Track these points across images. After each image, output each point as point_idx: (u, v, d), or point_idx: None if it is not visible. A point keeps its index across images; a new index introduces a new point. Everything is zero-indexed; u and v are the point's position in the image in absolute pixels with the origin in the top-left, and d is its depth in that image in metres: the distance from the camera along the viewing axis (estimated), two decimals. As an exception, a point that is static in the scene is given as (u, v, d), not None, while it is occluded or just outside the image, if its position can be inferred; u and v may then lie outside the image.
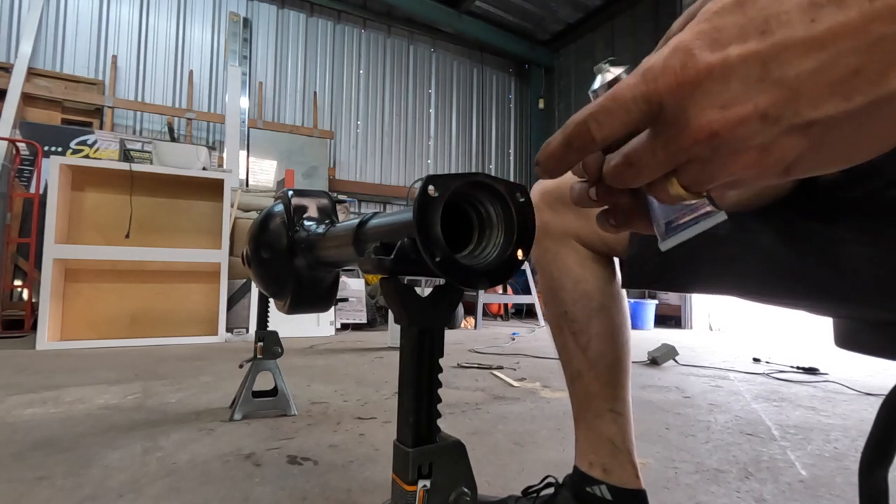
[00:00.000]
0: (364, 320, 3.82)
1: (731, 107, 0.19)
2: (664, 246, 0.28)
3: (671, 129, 0.21)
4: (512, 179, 0.43)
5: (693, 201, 0.24)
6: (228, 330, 3.08)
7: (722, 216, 0.26)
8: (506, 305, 5.33)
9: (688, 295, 4.57)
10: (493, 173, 0.79)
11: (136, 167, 2.82)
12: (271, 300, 1.19)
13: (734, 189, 0.24)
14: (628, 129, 0.23)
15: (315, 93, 5.50)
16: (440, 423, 0.46)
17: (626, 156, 0.24)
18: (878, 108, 0.18)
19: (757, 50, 0.19)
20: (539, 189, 0.73)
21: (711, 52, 0.19)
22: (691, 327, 4.65)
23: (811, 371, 2.26)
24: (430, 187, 0.38)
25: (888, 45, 0.17)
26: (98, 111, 4.42)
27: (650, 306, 4.54)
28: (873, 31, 0.17)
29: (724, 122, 0.19)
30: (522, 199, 0.42)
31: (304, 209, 0.80)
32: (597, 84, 0.31)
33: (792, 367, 2.38)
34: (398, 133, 6.04)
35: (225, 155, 4.75)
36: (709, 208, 0.26)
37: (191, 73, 4.87)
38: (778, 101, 0.19)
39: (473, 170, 6.46)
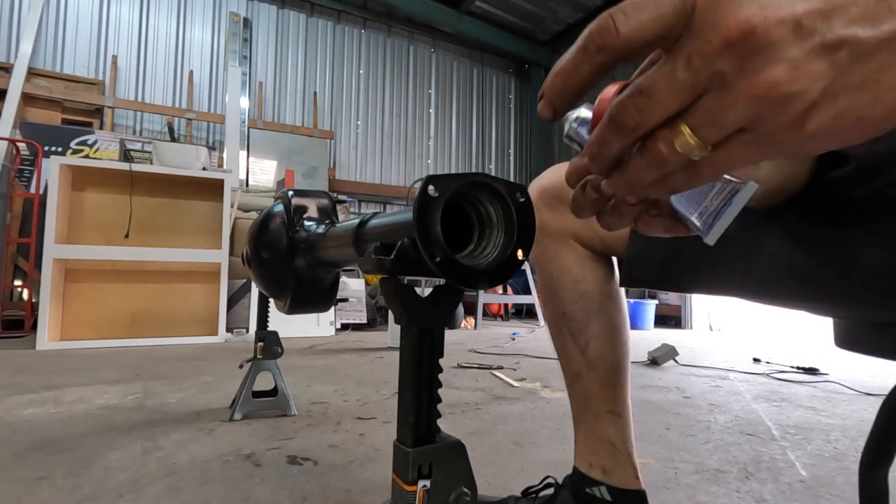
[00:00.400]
0: (364, 320, 3.82)
1: (769, 6, 0.18)
2: (711, 239, 0.26)
3: (700, 35, 0.19)
4: (512, 179, 0.43)
5: (698, 157, 0.21)
6: (228, 330, 3.08)
7: (753, 187, 0.24)
8: (506, 305, 5.33)
9: (688, 295, 4.57)
10: (493, 173, 0.79)
11: (136, 167, 2.82)
12: (271, 300, 1.19)
13: (745, 156, 0.21)
14: (658, 29, 0.21)
15: (315, 93, 5.50)
16: (440, 423, 0.46)
17: (639, 84, 0.21)
18: None
19: None
20: (537, 188, 0.72)
21: None
22: (691, 327, 4.65)
23: (811, 371, 2.26)
24: (430, 187, 0.38)
25: None
26: (98, 111, 4.42)
27: (650, 306, 4.54)
28: None
29: (761, 19, 0.18)
30: (522, 199, 0.42)
31: (304, 209, 0.80)
32: (569, 124, 0.30)
33: (792, 367, 2.37)
34: (398, 133, 6.04)
35: (225, 155, 4.75)
36: (735, 180, 0.25)
37: (191, 73, 4.87)
38: (815, 10, 0.18)
39: (473, 170, 6.46)
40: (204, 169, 3.05)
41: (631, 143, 0.23)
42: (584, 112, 0.30)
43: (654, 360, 2.41)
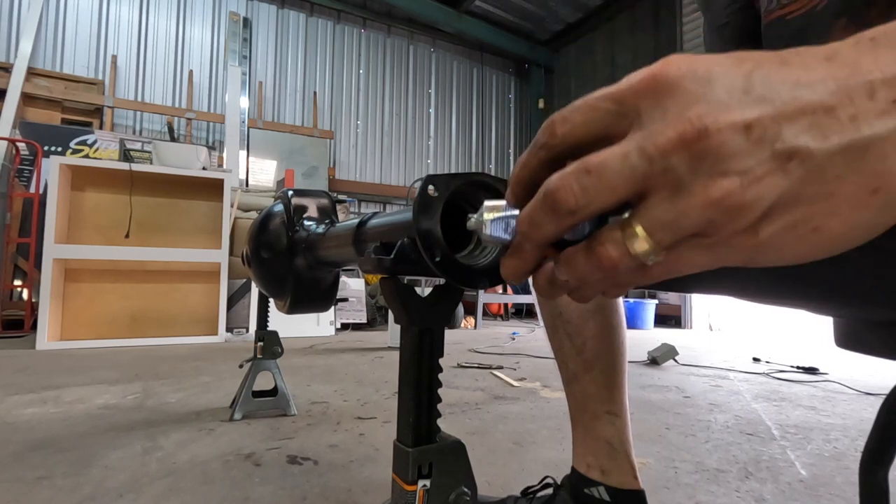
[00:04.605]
0: (364, 320, 3.82)
1: (719, 110, 0.18)
2: None
3: (652, 128, 0.19)
4: (512, 179, 0.43)
5: (652, 261, 0.20)
6: (228, 330, 3.08)
7: None
8: (506, 305, 5.33)
9: (688, 295, 4.57)
10: (493, 173, 0.78)
11: (136, 167, 2.81)
12: (271, 300, 1.19)
13: (698, 260, 0.21)
14: (592, 130, 0.21)
15: (315, 93, 5.50)
16: (440, 423, 0.46)
17: (584, 161, 0.20)
18: (852, 156, 0.18)
19: (740, 67, 0.19)
20: None
21: (689, 63, 0.19)
22: (691, 327, 4.65)
23: (811, 371, 2.26)
24: (430, 187, 0.38)
25: (854, 93, 0.18)
26: (98, 111, 4.42)
27: (650, 306, 4.54)
28: (839, 77, 0.18)
29: (713, 120, 0.18)
30: (522, 199, 0.42)
31: (303, 209, 0.80)
32: (484, 221, 0.27)
33: (792, 366, 2.38)
34: (398, 133, 6.04)
35: (225, 155, 4.75)
36: None
37: (191, 72, 4.87)
38: (762, 116, 0.18)
39: (473, 170, 6.46)
40: (204, 169, 3.05)
41: (566, 229, 0.22)
42: (489, 214, 0.27)
43: (654, 360, 2.41)
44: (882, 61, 0.18)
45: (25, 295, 3.47)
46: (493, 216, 0.27)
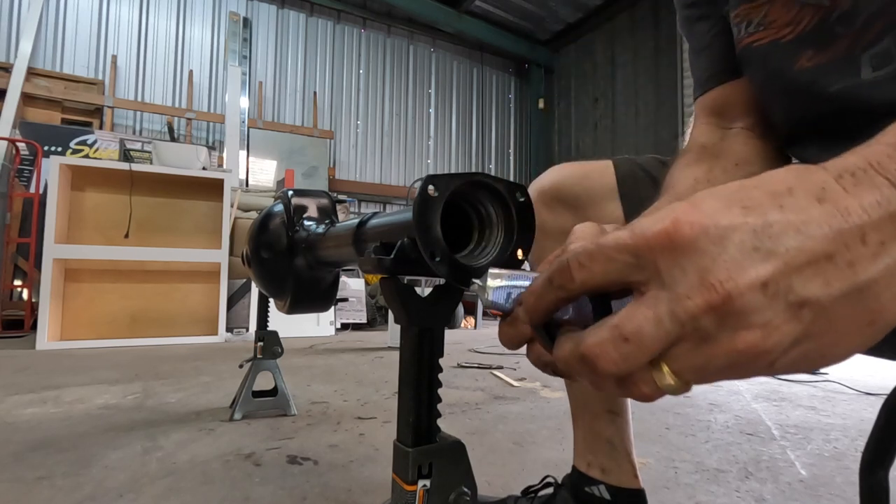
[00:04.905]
0: (364, 320, 3.82)
1: (737, 272, 0.20)
2: None
3: (676, 291, 0.20)
4: (512, 179, 0.43)
5: (677, 393, 0.22)
6: (228, 330, 3.08)
7: None
8: (506, 305, 5.32)
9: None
10: (493, 173, 0.79)
11: (136, 167, 2.82)
12: (271, 300, 1.19)
13: (713, 380, 0.22)
14: (609, 279, 0.22)
15: (315, 93, 5.50)
16: (440, 422, 0.46)
17: (618, 327, 0.21)
18: (853, 299, 0.19)
19: (745, 221, 0.20)
20: (536, 189, 0.72)
21: (703, 216, 0.21)
22: (691, 327, 4.64)
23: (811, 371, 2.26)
24: (430, 187, 0.38)
25: (848, 238, 0.20)
26: (98, 111, 4.42)
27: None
28: (833, 223, 0.20)
29: (734, 285, 0.19)
30: (522, 199, 0.42)
31: (304, 209, 0.80)
32: (487, 288, 0.29)
33: (792, 366, 2.37)
34: (398, 133, 6.04)
35: (225, 155, 4.75)
36: None
37: (191, 72, 4.87)
38: (774, 272, 0.19)
39: (473, 170, 6.45)
40: (204, 169, 3.05)
41: (605, 385, 0.23)
42: (493, 282, 0.28)
43: (654, 360, 2.41)
44: (866, 202, 0.20)
45: (25, 295, 3.47)
46: (497, 284, 0.28)
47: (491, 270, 0.28)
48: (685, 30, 0.70)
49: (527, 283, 0.29)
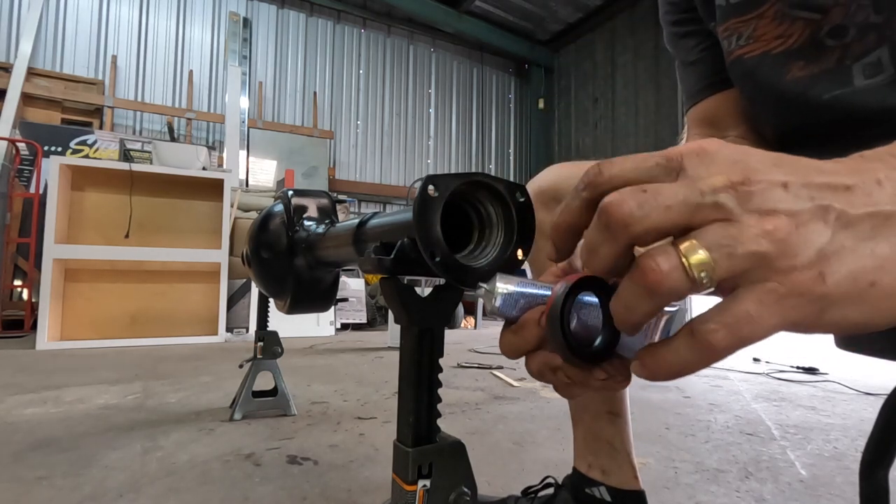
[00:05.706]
0: (364, 320, 3.82)
1: (757, 170, 0.20)
2: None
3: (699, 174, 0.21)
4: (512, 179, 0.43)
5: (707, 286, 0.20)
6: (228, 330, 3.08)
7: (685, 309, 0.25)
8: (506, 305, 5.32)
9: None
10: (493, 173, 0.79)
11: (136, 167, 2.82)
12: (271, 300, 1.19)
13: (762, 313, 0.19)
14: (640, 175, 0.22)
15: (315, 93, 5.50)
16: (440, 423, 0.46)
17: (639, 186, 0.22)
18: (878, 222, 0.20)
19: (764, 151, 0.21)
20: (534, 188, 0.72)
21: (727, 143, 0.22)
22: (691, 327, 4.64)
23: (811, 371, 2.26)
24: (430, 187, 0.38)
25: (865, 178, 0.21)
26: (98, 111, 4.42)
27: (650, 306, 4.54)
28: (851, 168, 0.21)
29: (754, 173, 0.20)
30: (522, 199, 0.42)
31: (303, 209, 0.80)
32: (495, 294, 0.28)
33: (792, 366, 2.37)
34: (398, 133, 6.04)
35: (225, 155, 4.75)
36: (669, 309, 0.24)
37: (191, 72, 4.87)
38: (794, 179, 0.20)
39: (473, 170, 6.45)
40: (204, 169, 3.05)
41: (621, 252, 0.22)
42: (502, 287, 0.28)
43: (654, 360, 2.41)
44: (877, 167, 0.21)
45: (25, 295, 3.47)
46: (505, 291, 0.27)
47: (499, 275, 0.27)
48: (672, 46, 0.70)
49: (535, 292, 0.28)
